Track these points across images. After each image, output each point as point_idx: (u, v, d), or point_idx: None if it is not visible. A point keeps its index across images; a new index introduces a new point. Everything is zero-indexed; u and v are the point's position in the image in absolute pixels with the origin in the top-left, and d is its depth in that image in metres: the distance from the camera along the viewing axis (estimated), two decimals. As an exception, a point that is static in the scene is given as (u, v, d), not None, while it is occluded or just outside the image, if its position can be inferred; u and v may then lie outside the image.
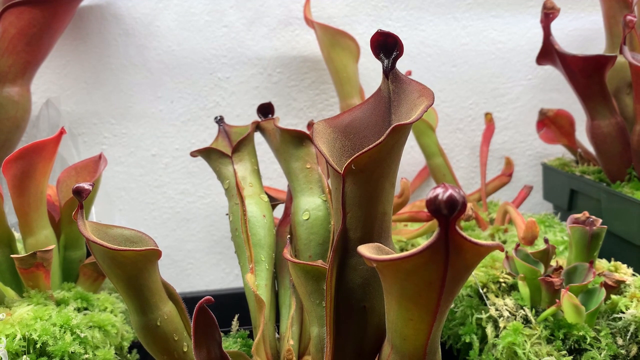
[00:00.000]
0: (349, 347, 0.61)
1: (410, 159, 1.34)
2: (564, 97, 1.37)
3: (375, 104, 0.63)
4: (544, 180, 1.31)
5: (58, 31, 1.12)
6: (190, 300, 0.69)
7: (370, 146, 0.54)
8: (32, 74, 1.11)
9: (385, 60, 0.60)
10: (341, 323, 0.60)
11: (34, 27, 1.05)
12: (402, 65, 0.63)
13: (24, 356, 0.67)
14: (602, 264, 0.94)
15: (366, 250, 0.48)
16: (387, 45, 0.60)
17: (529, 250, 0.86)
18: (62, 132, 0.80)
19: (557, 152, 1.38)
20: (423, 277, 0.46)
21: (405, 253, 0.43)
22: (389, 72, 0.61)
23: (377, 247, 0.51)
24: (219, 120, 0.90)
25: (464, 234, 0.42)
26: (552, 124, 1.25)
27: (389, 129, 0.53)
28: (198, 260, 1.33)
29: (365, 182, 0.56)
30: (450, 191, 0.40)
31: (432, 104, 0.55)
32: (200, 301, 0.57)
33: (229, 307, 0.92)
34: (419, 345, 0.52)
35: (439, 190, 0.41)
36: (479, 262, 0.47)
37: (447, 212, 0.41)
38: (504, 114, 1.39)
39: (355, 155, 0.54)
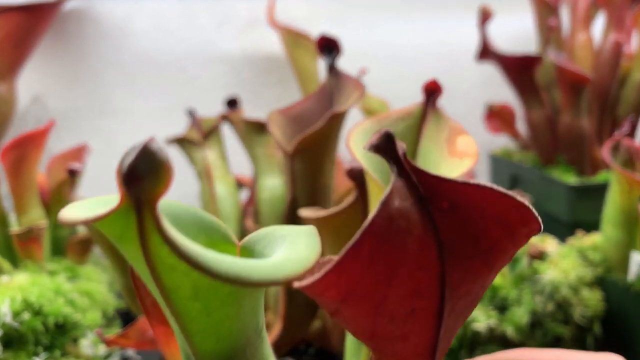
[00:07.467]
0: (299, 298, 0.73)
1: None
2: (508, 92, 1.51)
3: (321, 96, 0.75)
4: (490, 168, 1.45)
5: (41, 34, 1.22)
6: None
7: (312, 129, 0.66)
8: (17, 72, 1.21)
9: (328, 59, 0.73)
10: (292, 277, 0.72)
11: (20, 31, 1.15)
12: (358, 64, 0.75)
13: (25, 312, 0.78)
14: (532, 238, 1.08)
15: (306, 212, 0.61)
16: (329, 47, 0.72)
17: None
18: (51, 123, 0.91)
19: (502, 142, 1.51)
20: (349, 229, 0.58)
21: (331, 210, 0.56)
22: (331, 69, 0.73)
23: (316, 210, 0.64)
24: (191, 113, 1.01)
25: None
26: (497, 117, 1.39)
27: (326, 116, 0.65)
28: (174, 244, 1.44)
29: (309, 159, 0.68)
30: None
31: (363, 95, 0.68)
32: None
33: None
34: (351, 288, 0.64)
35: (355, 164, 0.53)
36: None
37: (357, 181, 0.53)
38: (453, 109, 1.51)
39: (300, 137, 0.67)
